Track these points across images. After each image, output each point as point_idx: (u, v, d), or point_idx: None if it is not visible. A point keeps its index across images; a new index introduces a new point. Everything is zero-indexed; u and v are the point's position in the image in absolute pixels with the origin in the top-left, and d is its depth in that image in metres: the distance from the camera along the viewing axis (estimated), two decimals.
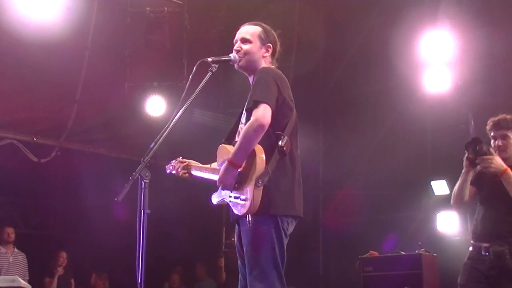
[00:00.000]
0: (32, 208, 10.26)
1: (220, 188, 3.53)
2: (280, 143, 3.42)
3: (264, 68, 3.64)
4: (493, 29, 7.93)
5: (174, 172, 4.02)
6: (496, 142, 4.49)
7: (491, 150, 4.39)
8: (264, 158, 3.37)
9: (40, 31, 7.24)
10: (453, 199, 4.67)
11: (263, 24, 3.78)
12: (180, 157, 4.05)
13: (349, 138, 9.94)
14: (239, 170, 3.40)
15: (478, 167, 4.40)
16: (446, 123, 8.60)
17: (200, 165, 3.95)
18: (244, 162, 3.40)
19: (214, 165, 3.81)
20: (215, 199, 3.68)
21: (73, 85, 8.46)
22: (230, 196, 3.47)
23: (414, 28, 8.24)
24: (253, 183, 3.31)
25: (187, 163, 3.97)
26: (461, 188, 4.57)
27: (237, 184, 3.41)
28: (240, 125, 3.67)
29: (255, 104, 3.40)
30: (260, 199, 3.31)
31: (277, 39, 3.78)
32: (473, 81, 8.14)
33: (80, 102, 8.59)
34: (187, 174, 3.94)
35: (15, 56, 7.64)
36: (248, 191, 3.33)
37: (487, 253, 4.38)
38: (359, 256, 8.03)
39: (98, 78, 8.41)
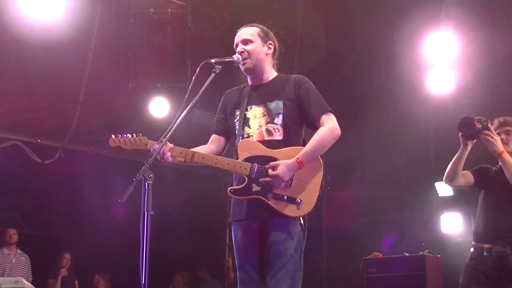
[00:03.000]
0: (35, 209, 10.29)
1: (267, 183, 3.38)
2: None
3: (303, 76, 3.75)
4: (496, 30, 7.92)
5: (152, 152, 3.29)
6: (500, 136, 4.61)
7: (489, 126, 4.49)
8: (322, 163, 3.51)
9: (44, 32, 7.24)
10: (446, 173, 4.69)
11: (259, 25, 3.79)
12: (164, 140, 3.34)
13: (352, 138, 9.92)
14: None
15: (474, 140, 4.51)
16: (449, 124, 8.56)
17: (205, 153, 3.56)
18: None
19: (221, 159, 3.51)
20: (239, 193, 3.46)
21: (77, 86, 8.46)
22: (274, 194, 3.40)
23: (417, 29, 8.23)
24: (315, 186, 3.47)
25: (171, 146, 3.41)
26: (456, 162, 4.62)
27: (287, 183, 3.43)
28: (271, 125, 3.58)
29: (326, 113, 3.59)
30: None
31: (274, 38, 3.80)
32: (476, 82, 8.13)
33: (84, 103, 8.60)
34: (171, 159, 3.41)
35: (18, 57, 7.65)
36: (310, 193, 3.46)
37: (489, 254, 4.41)
38: (363, 257, 8.03)
39: (102, 79, 8.41)
